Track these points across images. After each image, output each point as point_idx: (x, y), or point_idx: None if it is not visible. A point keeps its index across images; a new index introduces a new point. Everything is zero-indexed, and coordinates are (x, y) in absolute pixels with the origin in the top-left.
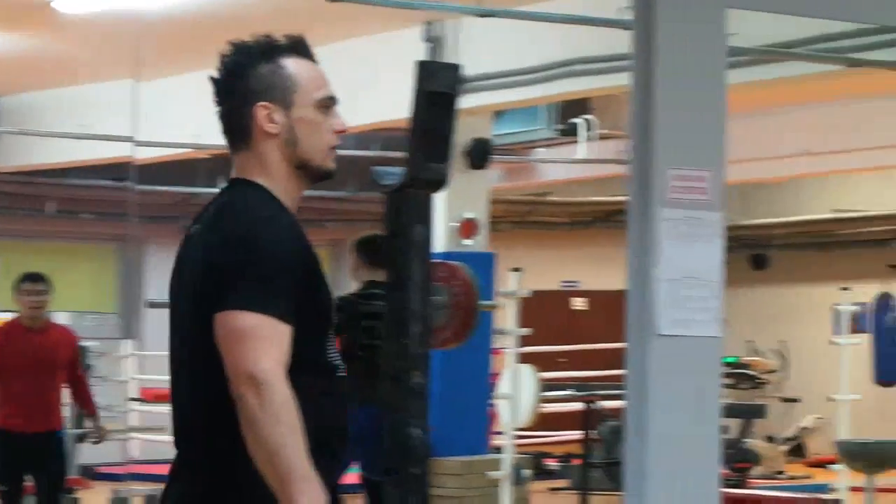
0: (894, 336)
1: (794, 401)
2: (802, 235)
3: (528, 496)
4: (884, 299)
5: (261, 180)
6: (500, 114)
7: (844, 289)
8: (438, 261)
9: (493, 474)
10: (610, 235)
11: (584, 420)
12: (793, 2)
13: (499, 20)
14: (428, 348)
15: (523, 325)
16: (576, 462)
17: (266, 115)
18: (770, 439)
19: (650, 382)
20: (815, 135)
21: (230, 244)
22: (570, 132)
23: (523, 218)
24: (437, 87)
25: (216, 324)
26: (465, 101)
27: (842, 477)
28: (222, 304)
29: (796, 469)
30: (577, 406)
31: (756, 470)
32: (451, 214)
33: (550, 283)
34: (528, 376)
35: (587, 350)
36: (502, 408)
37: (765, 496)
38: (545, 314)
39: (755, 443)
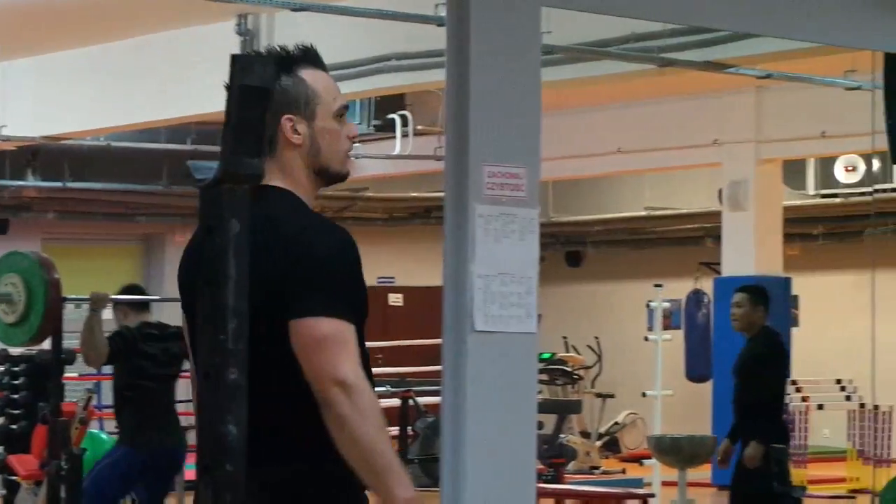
0: (706, 332)
1: (609, 396)
2: (617, 233)
3: None
4: (696, 296)
5: (286, 186)
6: None
7: (658, 285)
8: None
9: None
10: (426, 231)
11: (400, 416)
12: (607, 1)
13: (313, 14)
14: (244, 343)
15: None
16: None
17: (291, 127)
18: (585, 435)
19: (467, 378)
20: (629, 133)
21: (288, 253)
22: (386, 128)
23: (339, 213)
24: (252, 81)
25: (292, 332)
26: None
27: (655, 471)
28: (295, 313)
29: (610, 464)
30: (394, 402)
31: (571, 465)
32: None
33: (367, 278)
34: None
35: (404, 346)
36: None
37: (579, 491)
38: None
39: (570, 438)
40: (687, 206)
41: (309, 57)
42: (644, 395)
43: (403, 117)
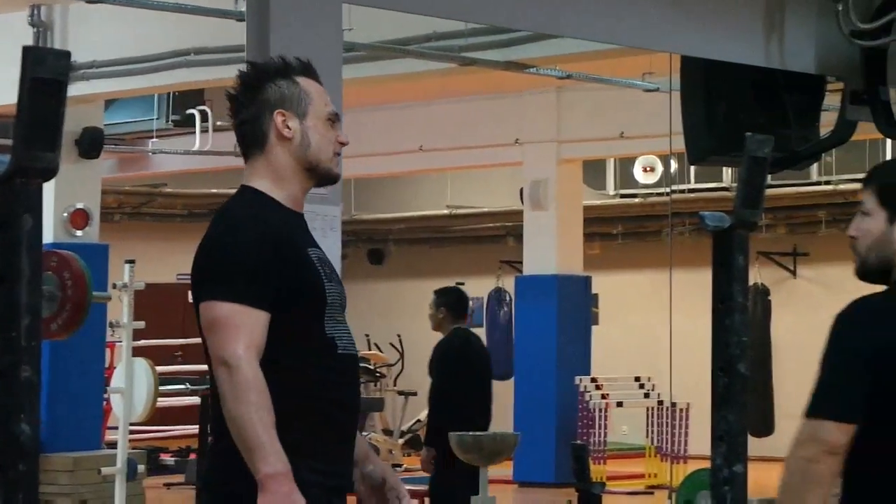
0: (507, 330)
1: (411, 394)
2: (419, 230)
3: (142, 492)
4: (498, 294)
5: (264, 183)
6: (112, 102)
7: (460, 283)
8: (49, 251)
9: (107, 470)
10: None
11: (200, 414)
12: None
13: (110, 7)
14: (38, 341)
15: (138, 317)
16: (192, 456)
17: (283, 122)
18: (387, 432)
19: None
20: (431, 131)
21: (207, 243)
22: (185, 123)
23: (137, 209)
24: (45, 73)
25: (199, 313)
26: (77, 89)
27: None
28: (201, 296)
29: (413, 462)
30: (194, 400)
31: None
32: (61, 205)
33: (166, 275)
34: (143, 370)
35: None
36: (116, 402)
37: None
38: (160, 307)
39: (373, 436)
40: (489, 204)
41: (306, 69)
42: None
43: (203, 112)
